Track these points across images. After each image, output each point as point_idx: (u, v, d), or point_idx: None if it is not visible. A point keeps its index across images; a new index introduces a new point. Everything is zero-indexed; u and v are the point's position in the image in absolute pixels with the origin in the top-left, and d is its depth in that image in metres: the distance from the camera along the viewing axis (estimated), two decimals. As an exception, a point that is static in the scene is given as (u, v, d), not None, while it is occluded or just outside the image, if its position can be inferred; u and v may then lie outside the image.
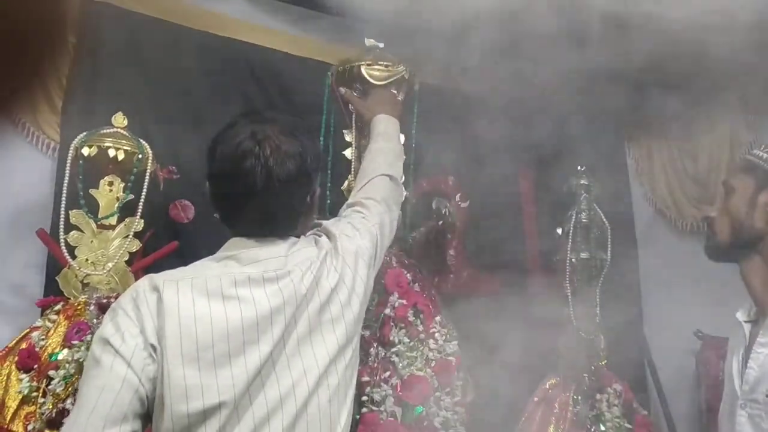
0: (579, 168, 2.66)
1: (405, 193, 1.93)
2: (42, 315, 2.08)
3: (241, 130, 1.33)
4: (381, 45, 2.35)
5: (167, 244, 2.25)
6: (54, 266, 2.22)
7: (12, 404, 1.86)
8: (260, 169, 1.30)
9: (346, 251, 1.47)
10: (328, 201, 2.37)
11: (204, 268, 1.34)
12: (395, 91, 2.21)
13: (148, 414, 1.23)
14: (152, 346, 1.22)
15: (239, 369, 1.24)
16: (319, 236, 1.50)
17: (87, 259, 2.09)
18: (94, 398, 1.18)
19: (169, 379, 1.20)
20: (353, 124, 2.30)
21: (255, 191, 1.31)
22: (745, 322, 1.60)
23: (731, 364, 1.62)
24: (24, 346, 1.94)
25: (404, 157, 1.98)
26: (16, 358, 1.91)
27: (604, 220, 2.59)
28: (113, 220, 2.15)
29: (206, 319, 1.24)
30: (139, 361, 1.20)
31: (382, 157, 1.85)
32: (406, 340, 2.05)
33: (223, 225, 1.42)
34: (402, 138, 2.38)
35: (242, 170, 1.30)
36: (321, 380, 1.32)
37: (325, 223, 1.58)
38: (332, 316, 1.37)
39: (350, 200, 1.74)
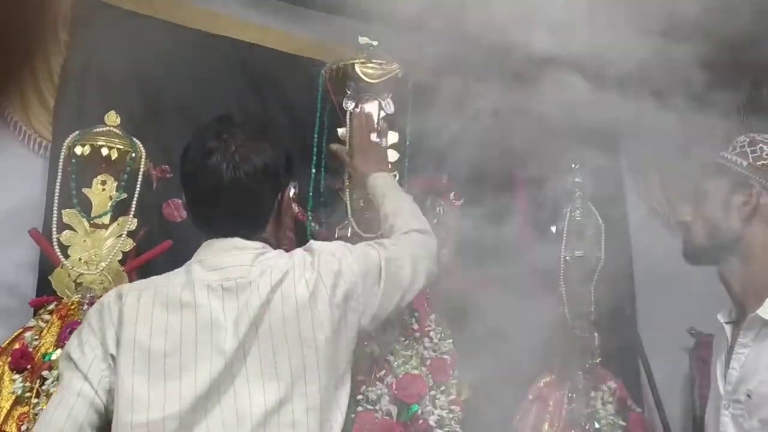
0: (573, 166, 2.66)
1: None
2: (35, 315, 2.06)
3: (208, 131, 1.38)
4: (375, 43, 2.36)
5: (161, 244, 2.24)
6: (46, 266, 2.21)
7: (5, 405, 1.84)
8: (226, 165, 1.33)
9: (325, 268, 1.39)
10: (322, 199, 2.37)
11: (172, 277, 1.35)
12: (378, 139, 2.22)
13: (109, 425, 1.24)
14: (111, 356, 1.23)
15: (188, 383, 1.21)
16: (300, 251, 1.46)
17: (80, 259, 2.08)
18: (50, 413, 1.23)
19: (119, 389, 1.21)
20: (347, 122, 2.30)
21: (222, 185, 1.33)
22: (726, 323, 1.61)
23: (716, 365, 1.63)
24: (17, 346, 1.92)
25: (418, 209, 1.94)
26: (9, 359, 1.90)
27: (599, 218, 2.59)
28: (106, 219, 2.13)
29: (161, 329, 1.24)
30: (96, 373, 1.23)
31: (401, 218, 1.77)
32: (401, 338, 2.05)
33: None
34: (396, 136, 2.39)
35: (209, 166, 1.33)
36: (284, 402, 1.26)
37: (313, 242, 1.53)
38: (299, 334, 1.29)
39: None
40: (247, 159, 1.34)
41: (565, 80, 2.46)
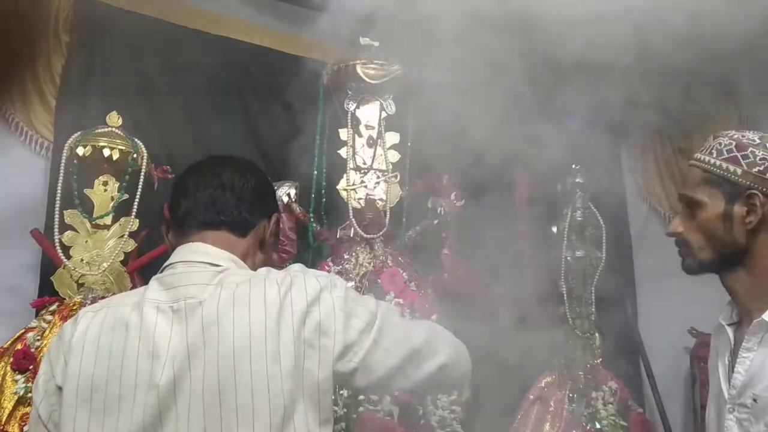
0: (573, 166, 2.67)
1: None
2: (37, 316, 2.06)
3: (190, 169, 1.37)
4: (376, 44, 2.36)
5: (162, 244, 2.24)
6: (48, 267, 2.21)
7: (8, 405, 1.85)
8: (214, 191, 1.31)
9: (298, 293, 1.18)
10: (324, 200, 2.37)
11: (129, 296, 1.27)
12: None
13: None
14: (59, 388, 1.16)
15: (125, 416, 1.11)
16: (273, 272, 1.26)
17: (82, 259, 2.08)
18: None
19: (62, 422, 1.13)
20: (348, 123, 2.30)
21: (213, 204, 1.30)
22: (728, 325, 1.59)
23: (716, 366, 1.61)
24: (19, 346, 1.93)
25: None
26: (12, 359, 1.90)
27: (599, 218, 2.60)
28: (108, 220, 2.14)
29: (105, 355, 1.14)
30: (47, 408, 1.17)
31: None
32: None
33: None
34: (397, 137, 2.39)
35: (199, 193, 1.31)
36: None
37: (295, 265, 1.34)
38: (250, 368, 1.11)
39: None
40: (239, 176, 1.33)
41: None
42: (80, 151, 2.10)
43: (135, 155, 2.15)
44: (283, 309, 1.15)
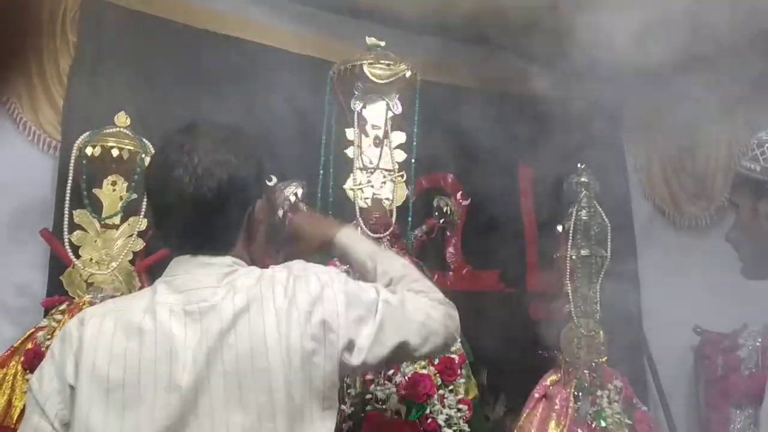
0: (579, 165, 2.67)
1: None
2: (46, 315, 2.08)
3: (171, 142, 1.28)
4: (382, 43, 2.36)
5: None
6: (56, 266, 2.23)
7: (19, 404, 1.86)
8: (188, 179, 1.22)
9: (301, 292, 1.24)
10: (331, 199, 2.38)
11: (136, 299, 1.27)
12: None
13: None
14: (70, 386, 1.17)
15: (146, 418, 1.13)
16: (277, 270, 1.30)
17: (91, 259, 2.10)
18: None
19: (76, 420, 1.15)
20: (355, 123, 2.31)
21: (185, 201, 1.23)
22: None
23: None
24: (29, 345, 1.94)
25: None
26: (22, 358, 1.92)
27: (604, 217, 2.60)
28: (117, 220, 2.15)
29: (120, 357, 1.16)
30: (53, 405, 1.17)
31: (410, 279, 1.48)
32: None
33: None
34: (403, 136, 2.39)
35: (171, 180, 1.23)
36: None
37: (296, 262, 1.35)
38: (268, 366, 1.17)
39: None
40: (210, 173, 1.23)
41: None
42: (89, 151, 2.11)
43: (143, 155, 2.16)
44: (290, 310, 1.21)
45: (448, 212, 2.50)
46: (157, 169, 1.27)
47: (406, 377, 2.00)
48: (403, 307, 1.34)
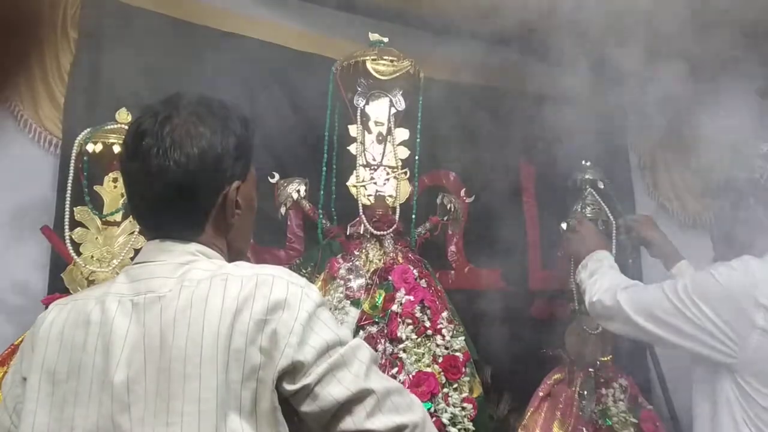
0: (584, 162, 2.65)
1: None
2: (47, 312, 2.06)
3: (149, 110, 1.18)
4: (386, 40, 2.35)
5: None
6: (57, 263, 2.21)
7: (19, 402, 1.85)
8: (156, 150, 1.12)
9: (261, 295, 1.08)
10: (334, 196, 2.37)
11: (95, 288, 1.20)
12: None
13: None
14: (25, 379, 1.13)
15: (81, 412, 1.06)
16: (242, 267, 1.15)
17: (92, 256, 2.08)
18: None
19: (23, 415, 1.10)
20: (358, 119, 2.30)
21: (151, 173, 1.12)
22: None
23: None
24: (30, 343, 1.93)
25: None
26: (23, 356, 1.90)
27: (609, 214, 2.58)
28: (118, 217, 2.13)
29: (67, 349, 1.10)
30: (12, 399, 1.14)
31: None
32: (414, 336, 2.05)
33: None
34: (407, 133, 2.38)
35: (139, 151, 1.14)
36: None
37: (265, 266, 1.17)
38: (200, 372, 1.03)
39: None
40: (179, 144, 1.12)
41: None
42: (90, 147, 2.09)
43: (144, 152, 2.14)
44: (240, 313, 1.06)
45: (452, 210, 2.47)
46: (130, 137, 1.18)
47: (411, 376, 1.99)
48: (377, 369, 1.15)
